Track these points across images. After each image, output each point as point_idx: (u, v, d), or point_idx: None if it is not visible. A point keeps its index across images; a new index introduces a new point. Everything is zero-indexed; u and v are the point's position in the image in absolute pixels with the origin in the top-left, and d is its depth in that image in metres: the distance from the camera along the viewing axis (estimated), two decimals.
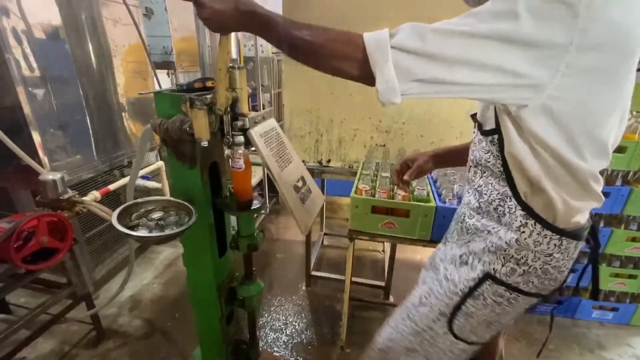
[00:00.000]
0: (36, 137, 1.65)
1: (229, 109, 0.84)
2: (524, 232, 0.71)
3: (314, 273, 2.25)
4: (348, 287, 1.51)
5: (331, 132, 1.99)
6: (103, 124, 2.05)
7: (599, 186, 0.67)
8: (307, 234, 2.06)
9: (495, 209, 0.75)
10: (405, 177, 1.06)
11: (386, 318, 0.97)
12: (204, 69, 2.46)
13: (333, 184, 2.71)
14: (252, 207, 0.99)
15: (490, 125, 0.72)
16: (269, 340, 1.83)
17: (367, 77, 0.61)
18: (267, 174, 2.77)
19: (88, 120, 1.95)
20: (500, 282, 0.75)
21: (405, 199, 1.32)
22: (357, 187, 1.36)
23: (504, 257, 0.74)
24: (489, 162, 0.74)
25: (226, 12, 0.64)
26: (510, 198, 0.71)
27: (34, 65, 1.62)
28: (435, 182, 1.55)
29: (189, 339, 1.80)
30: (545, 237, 0.70)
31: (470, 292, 0.78)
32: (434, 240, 1.32)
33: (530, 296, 0.76)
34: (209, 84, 0.90)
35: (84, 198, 1.45)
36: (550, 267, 0.73)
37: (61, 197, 1.33)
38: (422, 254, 2.62)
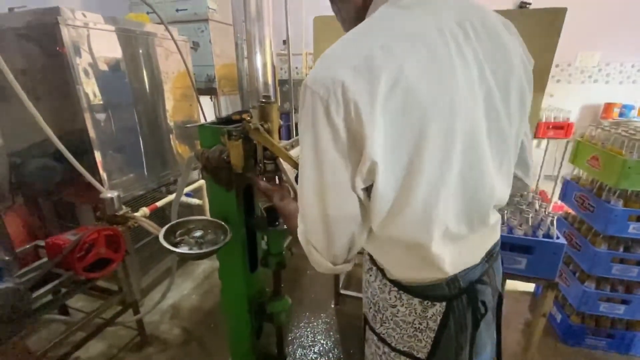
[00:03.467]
0: (98, 158, 1.87)
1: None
2: (370, 275, 0.71)
3: (342, 291, 2.26)
4: None
5: None
6: (153, 145, 2.27)
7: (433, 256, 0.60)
8: None
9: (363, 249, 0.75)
10: None
11: None
12: (243, 93, 2.64)
13: None
14: (279, 227, 1.07)
15: None
16: (297, 356, 1.86)
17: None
18: None
19: (141, 142, 2.17)
20: (372, 330, 0.72)
21: None
22: None
23: (367, 302, 0.73)
24: None
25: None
26: None
27: (98, 94, 1.85)
28: None
29: (222, 349, 1.89)
30: (386, 286, 0.67)
31: (364, 334, 0.77)
32: None
33: (402, 355, 0.69)
34: (245, 116, 1.00)
35: (136, 214, 1.61)
36: (400, 320, 0.66)
37: (117, 214, 1.50)
38: None
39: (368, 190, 0.57)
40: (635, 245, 1.71)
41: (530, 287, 2.31)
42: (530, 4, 4.06)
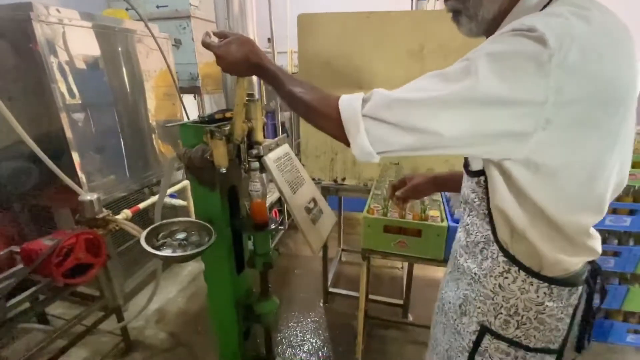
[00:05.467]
0: (76, 160, 1.80)
1: (245, 139, 0.91)
2: (507, 277, 0.66)
3: (331, 290, 2.27)
4: (362, 307, 1.52)
5: (345, 151, 2.04)
6: (135, 145, 2.20)
7: (592, 240, 0.63)
8: (324, 250, 2.09)
9: (481, 251, 0.70)
10: (398, 194, 1.02)
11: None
12: (227, 91, 2.60)
13: (350, 199, 2.74)
14: (267, 229, 1.05)
15: (477, 165, 0.67)
16: (287, 356, 1.85)
17: (344, 140, 0.62)
18: None
19: (122, 143, 2.11)
20: (499, 337, 0.69)
21: (416, 218, 1.33)
22: (369, 207, 1.40)
23: (494, 308, 0.69)
24: (475, 202, 0.69)
25: (239, 63, 0.75)
26: (493, 243, 0.67)
27: (76, 93, 1.79)
28: (448, 201, 1.56)
29: (210, 353, 1.86)
30: (532, 285, 0.64)
31: (475, 347, 0.72)
32: (447, 259, 1.32)
33: (538, 352, 0.68)
34: (228, 114, 0.99)
35: (117, 217, 1.56)
36: (546, 316, 0.65)
37: (97, 217, 1.46)
38: (442, 271, 2.57)
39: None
40: (611, 237, 1.77)
41: None
42: None
